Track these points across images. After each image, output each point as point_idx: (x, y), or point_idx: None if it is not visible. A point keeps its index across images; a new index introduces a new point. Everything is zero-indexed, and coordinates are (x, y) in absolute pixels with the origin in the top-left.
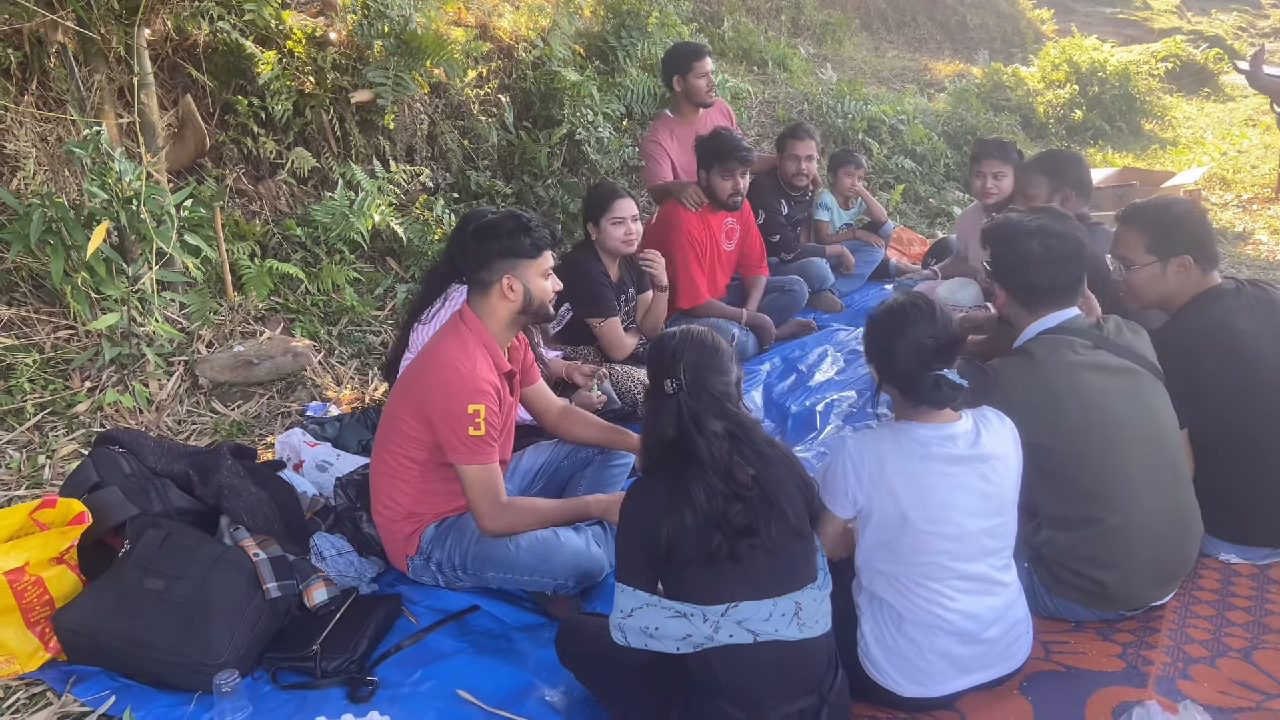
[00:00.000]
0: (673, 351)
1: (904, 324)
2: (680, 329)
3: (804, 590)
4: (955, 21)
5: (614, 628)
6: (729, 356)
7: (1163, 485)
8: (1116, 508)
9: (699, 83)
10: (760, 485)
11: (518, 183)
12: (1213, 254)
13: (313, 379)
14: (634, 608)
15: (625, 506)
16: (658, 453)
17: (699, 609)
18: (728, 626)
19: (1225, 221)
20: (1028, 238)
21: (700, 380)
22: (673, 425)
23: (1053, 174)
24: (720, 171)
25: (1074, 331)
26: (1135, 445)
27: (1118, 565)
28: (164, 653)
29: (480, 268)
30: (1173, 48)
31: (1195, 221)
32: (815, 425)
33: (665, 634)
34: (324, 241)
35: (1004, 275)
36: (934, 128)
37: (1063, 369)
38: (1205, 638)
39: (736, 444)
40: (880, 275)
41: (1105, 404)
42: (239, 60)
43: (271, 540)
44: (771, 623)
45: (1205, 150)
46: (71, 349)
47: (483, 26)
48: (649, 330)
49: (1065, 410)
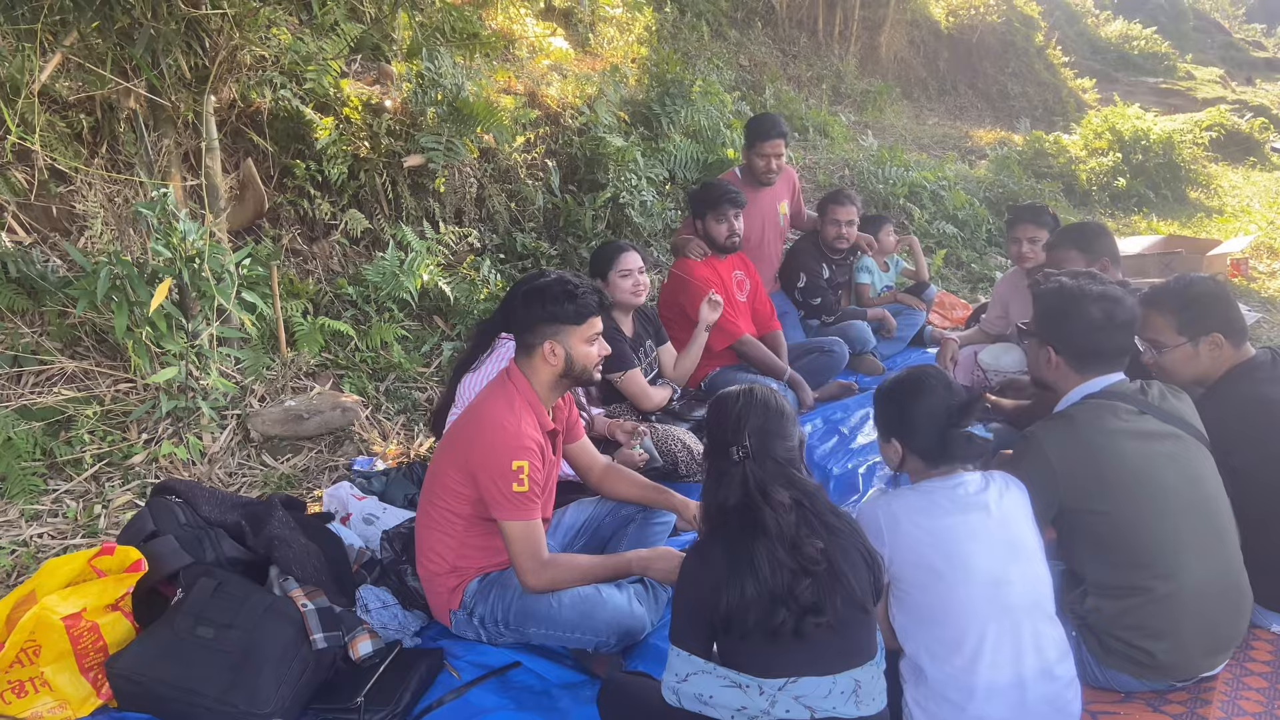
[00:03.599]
0: (737, 415)
1: (925, 391)
2: (743, 389)
3: (864, 666)
4: (996, 90)
5: (667, 690)
6: (792, 419)
7: (1211, 552)
8: (1165, 576)
9: (759, 162)
10: (827, 559)
11: (562, 244)
12: (1241, 328)
13: (360, 434)
14: (689, 673)
15: (685, 566)
16: (719, 518)
17: (756, 681)
18: (785, 701)
19: (1273, 291)
20: (1090, 302)
21: (765, 446)
22: (737, 493)
23: (1085, 246)
24: (715, 216)
25: (1119, 396)
26: (1182, 512)
27: (1168, 634)
28: (212, 701)
29: (525, 330)
30: (1217, 117)
31: (1220, 298)
32: (858, 488)
33: (719, 703)
34: (374, 300)
35: (1058, 338)
36: (975, 194)
37: (1105, 435)
38: (1258, 709)
39: (803, 514)
40: (918, 342)
41: (1150, 470)
42: (298, 126)
43: (319, 591)
44: (830, 700)
45: (1252, 218)
46: (130, 402)
47: (531, 94)
48: (678, 378)
49: (1108, 476)
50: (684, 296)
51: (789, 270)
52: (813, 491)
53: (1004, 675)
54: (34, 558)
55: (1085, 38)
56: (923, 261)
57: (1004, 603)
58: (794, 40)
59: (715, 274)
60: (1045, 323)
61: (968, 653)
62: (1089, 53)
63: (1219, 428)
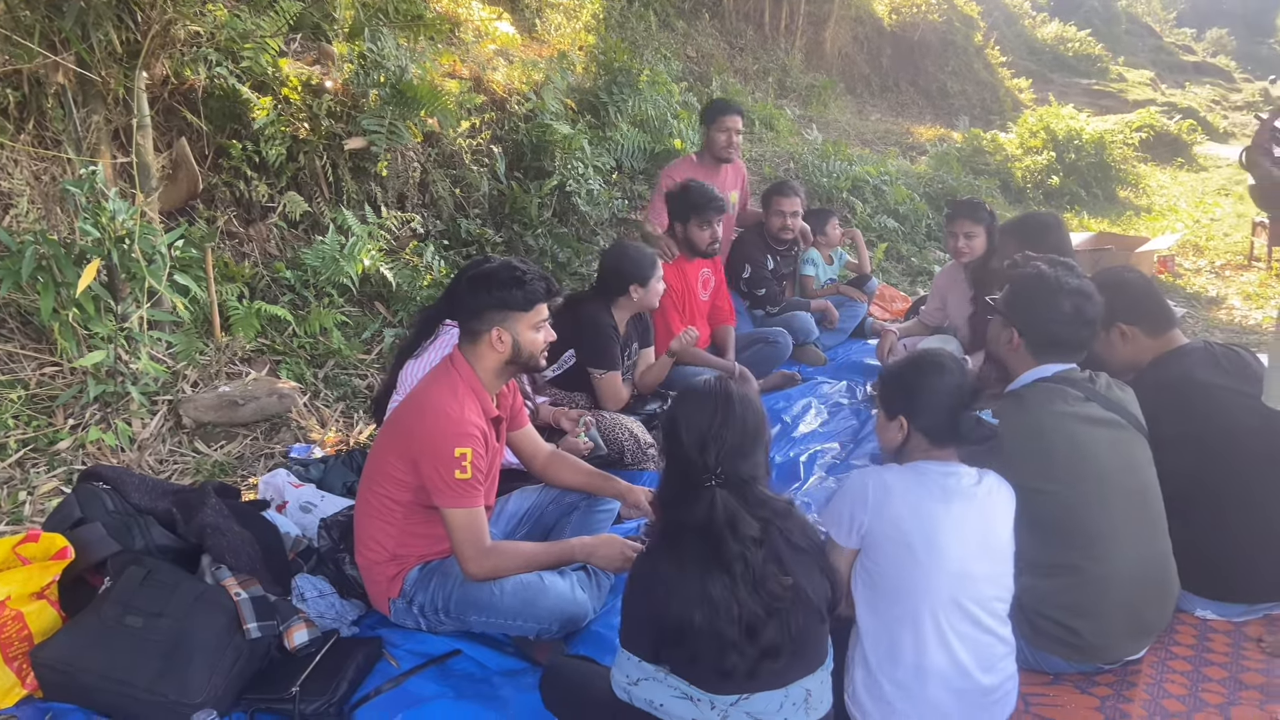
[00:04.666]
0: (713, 436)
1: (941, 370)
2: (720, 398)
3: (815, 674)
4: (936, 88)
5: (618, 688)
6: (764, 426)
7: (1142, 539)
8: (1098, 558)
9: (719, 136)
10: (795, 590)
11: (508, 231)
12: (1157, 317)
13: (298, 421)
14: (640, 678)
15: (636, 569)
16: (676, 531)
17: (707, 696)
18: (736, 716)
19: (1199, 287)
20: (1063, 296)
21: (735, 467)
22: (701, 518)
23: (1026, 240)
24: (699, 222)
25: (1068, 382)
26: (1119, 497)
27: (1095, 615)
28: (141, 691)
29: (472, 316)
30: (1147, 118)
31: (1125, 290)
32: (799, 475)
33: (670, 712)
34: (313, 285)
35: (1026, 324)
36: (916, 189)
37: (1054, 416)
38: (1182, 693)
39: (771, 544)
40: (859, 333)
41: (1093, 454)
42: (235, 105)
43: (253, 580)
44: (783, 712)
45: (1179, 217)
46: (56, 386)
47: (476, 79)
48: (645, 387)
49: (1055, 456)
50: None
51: (734, 261)
52: (783, 512)
53: (951, 662)
54: None
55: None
56: (865, 255)
57: (964, 594)
58: (740, 33)
59: (681, 277)
60: (1016, 306)
61: (920, 634)
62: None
63: (1148, 409)
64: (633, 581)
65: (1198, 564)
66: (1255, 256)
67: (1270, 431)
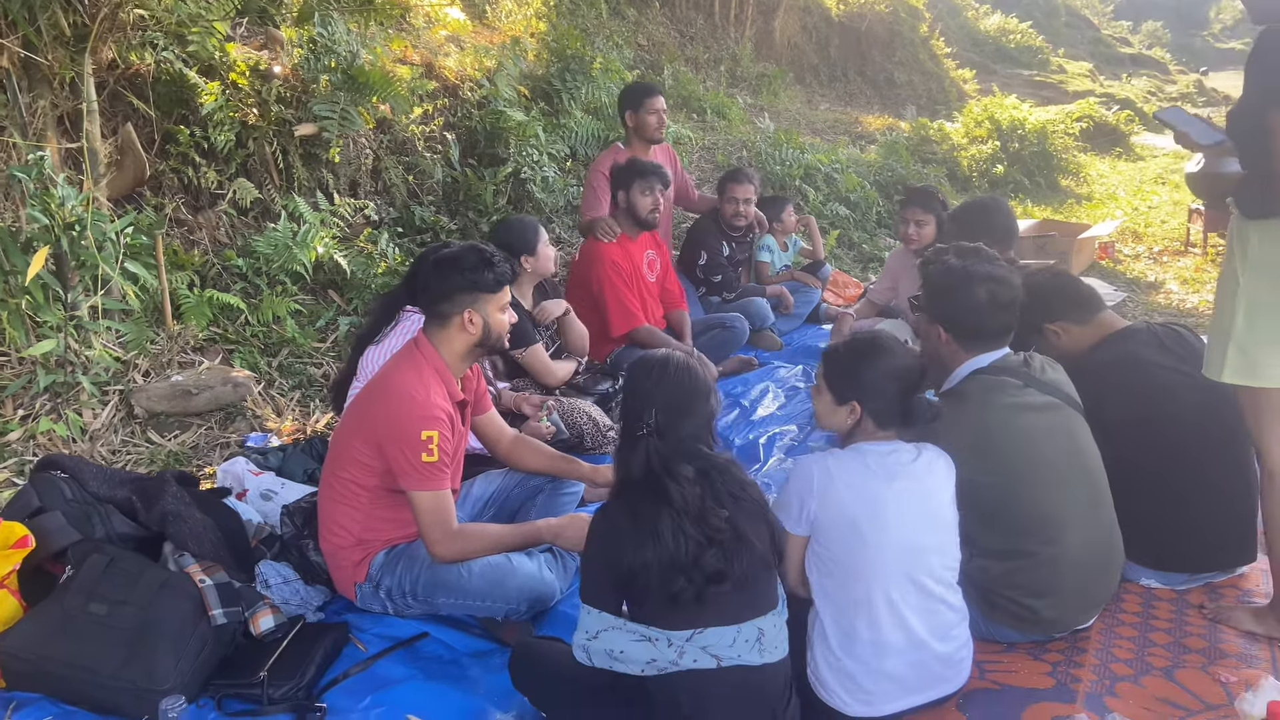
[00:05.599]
0: (647, 392)
1: (886, 354)
2: (658, 361)
3: (766, 616)
4: (883, 78)
5: (578, 648)
6: (705, 394)
7: (1089, 518)
8: (1048, 541)
9: (650, 119)
10: (732, 525)
11: (462, 219)
12: (1082, 304)
13: (253, 410)
14: (599, 629)
15: (593, 526)
16: (625, 487)
17: (664, 634)
18: (692, 652)
19: (1138, 272)
20: (975, 284)
21: (673, 423)
22: (640, 468)
23: (969, 225)
24: (641, 188)
25: (1005, 370)
26: (1064, 480)
27: (1049, 594)
28: (107, 678)
29: (441, 299)
30: (1086, 109)
31: (1043, 291)
32: (759, 457)
33: (630, 657)
34: (265, 273)
35: (947, 318)
36: (866, 177)
37: (994, 411)
38: (1129, 657)
39: (709, 485)
40: (814, 319)
41: (1036, 442)
42: (182, 90)
43: (217, 567)
44: (735, 648)
45: (1118, 205)
46: (4, 376)
47: (428, 65)
48: (577, 351)
49: (998, 450)
50: (592, 277)
51: (690, 248)
52: (722, 465)
53: (907, 635)
54: None
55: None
56: (819, 241)
57: (913, 568)
58: (691, 22)
59: (626, 256)
60: (933, 302)
61: (875, 612)
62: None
63: (1089, 386)
64: (591, 536)
65: (1143, 536)
66: (1191, 242)
67: (1211, 407)
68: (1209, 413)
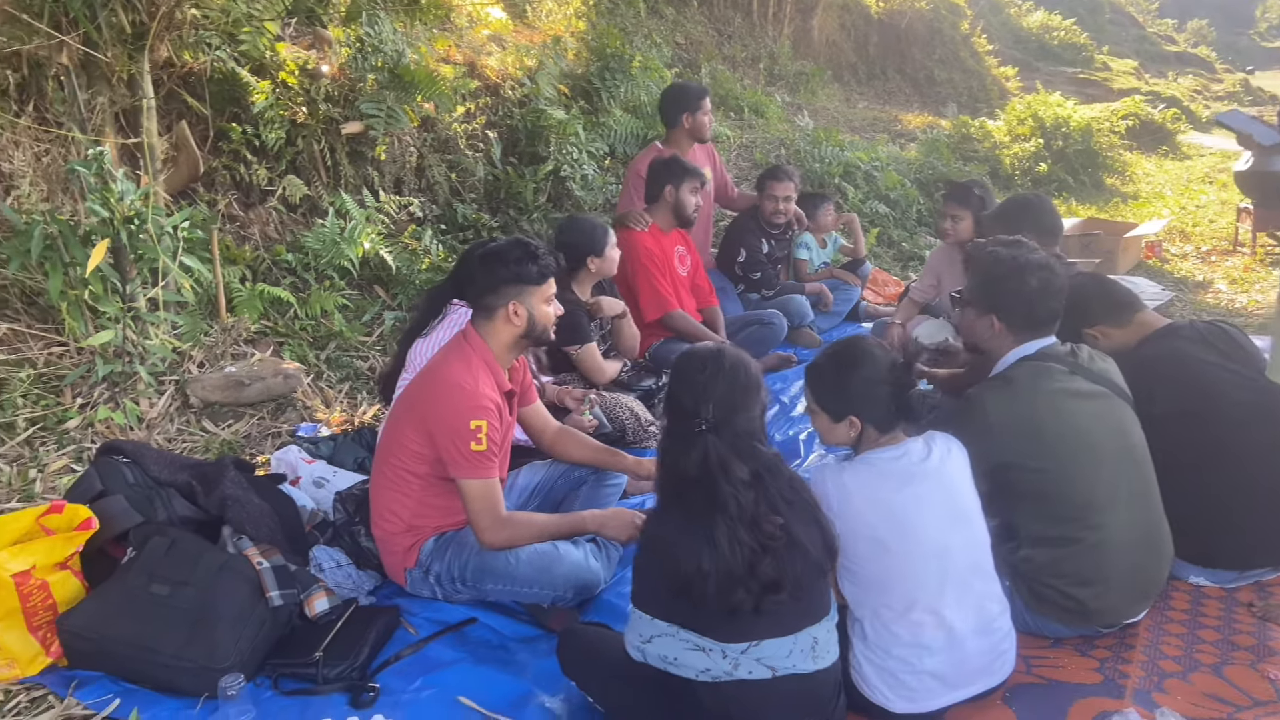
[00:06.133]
0: (703, 385)
1: (869, 360)
2: (711, 353)
3: (820, 623)
4: (923, 76)
5: (631, 648)
6: (757, 387)
7: (1136, 505)
8: (1095, 526)
9: (704, 119)
10: (786, 531)
11: (503, 216)
12: (1119, 307)
13: (303, 401)
14: (653, 635)
15: (646, 531)
16: (678, 486)
17: (719, 645)
18: (747, 663)
19: (1185, 271)
20: (1028, 272)
21: (728, 418)
22: (696, 466)
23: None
24: (691, 186)
25: (1051, 358)
26: (1111, 466)
27: (1096, 582)
28: (169, 657)
29: (487, 292)
30: (1132, 107)
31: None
32: (799, 453)
33: (683, 664)
34: (313, 268)
35: (1000, 307)
36: (906, 175)
37: (1041, 395)
38: (1177, 654)
39: (762, 488)
40: (853, 317)
41: (1083, 427)
42: (234, 89)
43: (274, 550)
44: (791, 659)
45: (1165, 204)
46: (64, 365)
47: (471, 64)
48: (627, 353)
49: (1046, 434)
50: (627, 263)
51: (729, 245)
52: (773, 464)
53: (948, 633)
54: None
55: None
56: (861, 239)
57: (948, 567)
58: (729, 20)
59: (659, 245)
60: (986, 291)
61: (914, 616)
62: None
63: (1137, 380)
64: (644, 541)
65: (1192, 533)
66: (1240, 242)
67: (1260, 405)
68: (1259, 412)
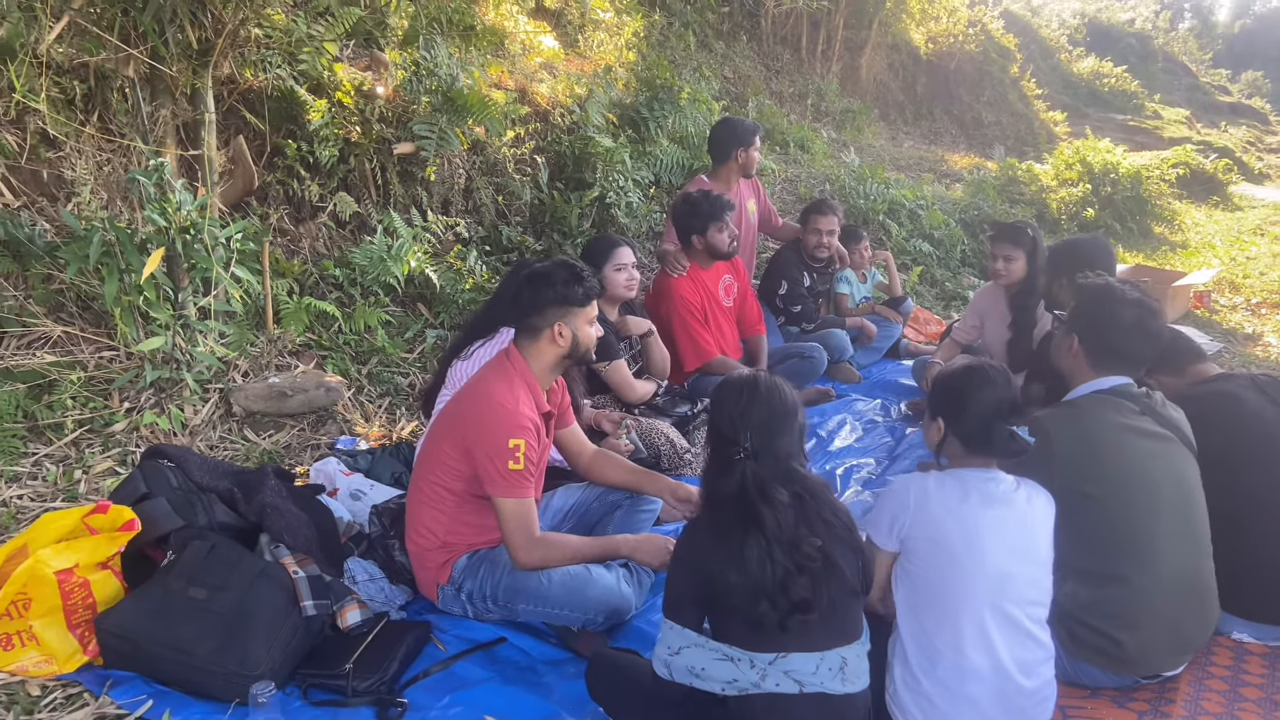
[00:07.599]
0: (741, 412)
1: (984, 382)
2: (747, 381)
3: (851, 646)
4: (970, 117)
5: (658, 662)
6: (794, 410)
7: (1186, 551)
8: (1143, 568)
9: (756, 155)
10: (824, 552)
11: (547, 240)
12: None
13: (343, 414)
14: (681, 646)
15: (680, 541)
16: (717, 504)
17: (746, 655)
18: (774, 675)
19: (1235, 323)
20: (1126, 305)
21: (767, 443)
22: (734, 488)
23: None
24: (718, 227)
25: (1124, 396)
26: (1165, 509)
27: (1138, 626)
28: (202, 661)
29: (532, 313)
30: (1183, 155)
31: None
32: (836, 488)
33: (711, 675)
34: (360, 284)
35: (1085, 330)
36: (951, 215)
37: (1106, 426)
38: (1219, 710)
39: (803, 510)
40: (894, 353)
41: (1142, 464)
42: (291, 106)
43: (310, 560)
44: (818, 676)
45: (1215, 254)
46: (113, 369)
47: (522, 91)
48: (658, 373)
49: (1103, 463)
50: (663, 309)
51: (770, 278)
52: (815, 488)
53: (991, 661)
54: (14, 518)
55: (1058, 72)
56: (897, 277)
57: (1004, 596)
58: (777, 56)
59: (699, 287)
60: (1079, 314)
61: (962, 635)
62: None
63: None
64: (677, 551)
65: (1236, 585)
66: None
67: None
68: None
